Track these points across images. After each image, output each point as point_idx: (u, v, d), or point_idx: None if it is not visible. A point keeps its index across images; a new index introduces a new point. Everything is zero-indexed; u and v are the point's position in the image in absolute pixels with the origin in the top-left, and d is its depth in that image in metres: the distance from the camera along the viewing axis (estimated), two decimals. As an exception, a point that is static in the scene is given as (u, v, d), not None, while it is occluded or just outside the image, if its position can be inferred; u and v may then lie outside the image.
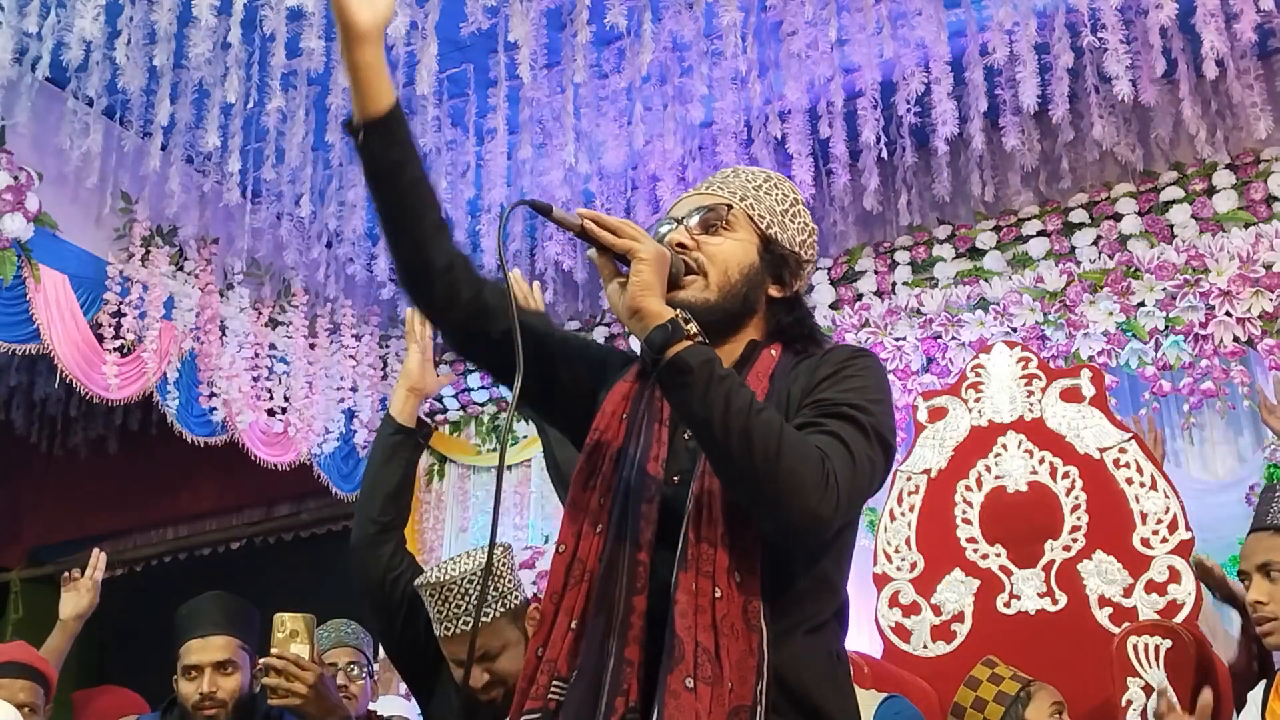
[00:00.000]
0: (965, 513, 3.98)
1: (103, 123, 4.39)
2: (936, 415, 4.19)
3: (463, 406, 6.11)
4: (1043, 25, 4.18)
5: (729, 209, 1.65)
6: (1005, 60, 4.18)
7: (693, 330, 1.41)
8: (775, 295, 1.67)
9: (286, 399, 5.40)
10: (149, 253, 4.85)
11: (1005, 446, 4.00)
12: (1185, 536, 3.66)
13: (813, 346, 1.66)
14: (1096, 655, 3.50)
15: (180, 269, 5.01)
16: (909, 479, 4.11)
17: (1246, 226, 4.43)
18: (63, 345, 4.53)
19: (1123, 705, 3.25)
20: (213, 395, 5.06)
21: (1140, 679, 3.25)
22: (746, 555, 1.43)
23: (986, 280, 4.83)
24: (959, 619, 3.87)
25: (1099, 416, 3.91)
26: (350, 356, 5.65)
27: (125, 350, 4.78)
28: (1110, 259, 4.61)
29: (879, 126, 4.34)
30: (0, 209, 4.23)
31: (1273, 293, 4.27)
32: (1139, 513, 3.73)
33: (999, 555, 3.89)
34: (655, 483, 1.51)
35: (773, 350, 1.63)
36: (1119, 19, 4.04)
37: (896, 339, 4.88)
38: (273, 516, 6.96)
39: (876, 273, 5.11)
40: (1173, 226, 4.58)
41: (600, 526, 1.53)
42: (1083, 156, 4.83)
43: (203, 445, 5.21)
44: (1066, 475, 3.87)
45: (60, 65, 3.94)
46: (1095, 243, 4.69)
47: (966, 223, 5.05)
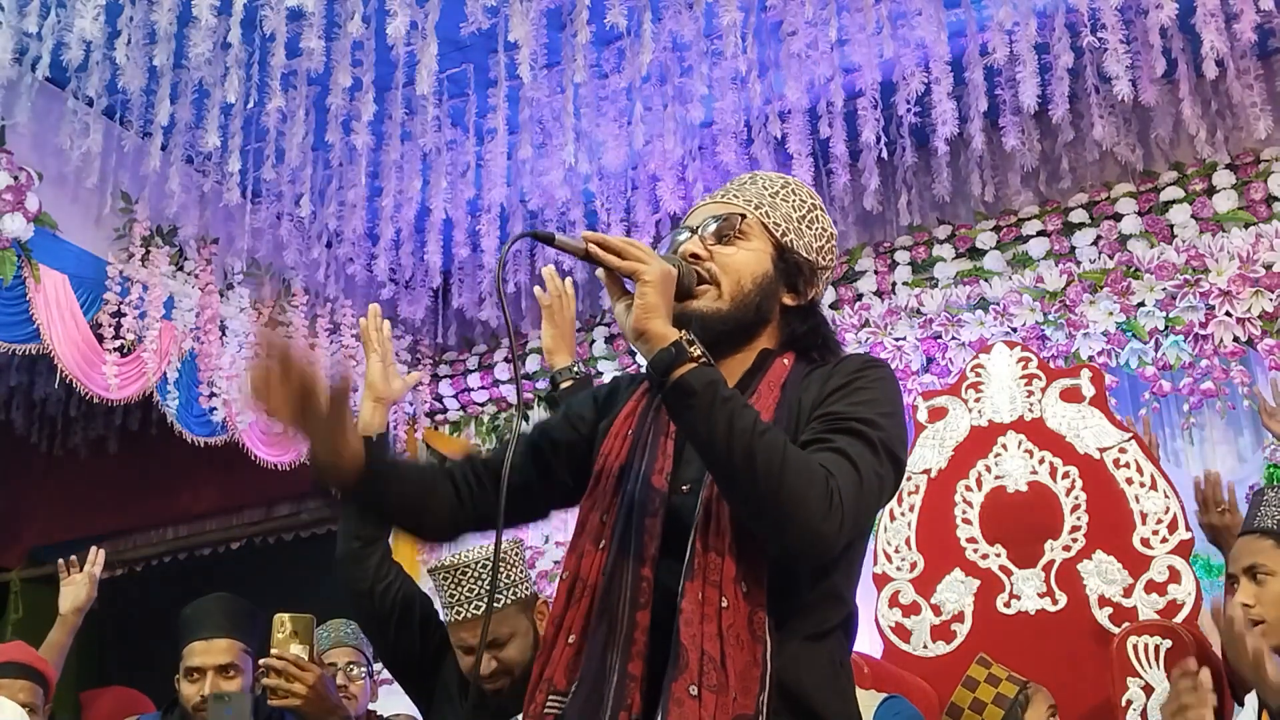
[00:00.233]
0: (965, 513, 3.98)
1: (103, 123, 4.38)
2: (936, 415, 4.19)
3: (463, 406, 6.11)
4: (1043, 25, 4.18)
5: (742, 218, 1.64)
6: (1005, 60, 4.18)
7: (696, 352, 1.41)
8: (790, 304, 1.65)
9: (286, 399, 5.39)
10: (149, 253, 4.85)
11: (1005, 446, 4.00)
12: (1185, 536, 3.66)
13: (827, 355, 1.65)
14: (1096, 655, 3.51)
15: (180, 269, 5.01)
16: (909, 479, 4.10)
17: (1246, 226, 4.43)
18: (63, 345, 4.53)
19: (1123, 705, 3.25)
20: (213, 395, 5.06)
21: (1140, 679, 3.25)
22: (753, 565, 1.42)
23: (986, 280, 4.83)
24: (959, 619, 3.87)
25: (1099, 416, 3.91)
26: (350, 356, 5.65)
27: (125, 350, 4.77)
28: (1110, 259, 4.61)
29: (879, 126, 4.34)
30: (0, 209, 4.23)
31: (1273, 293, 4.27)
32: (1139, 513, 3.73)
33: (999, 555, 3.89)
34: (660, 495, 1.51)
35: (785, 359, 1.62)
36: (1119, 19, 4.03)
37: (896, 339, 4.88)
38: (273, 516, 6.95)
39: (876, 273, 5.11)
40: (1173, 226, 4.58)
41: (603, 543, 1.54)
42: (1083, 156, 4.83)
43: (203, 445, 5.21)
44: (1066, 475, 3.87)
45: (60, 65, 3.93)
46: (1095, 243, 4.69)
47: (966, 223, 5.05)
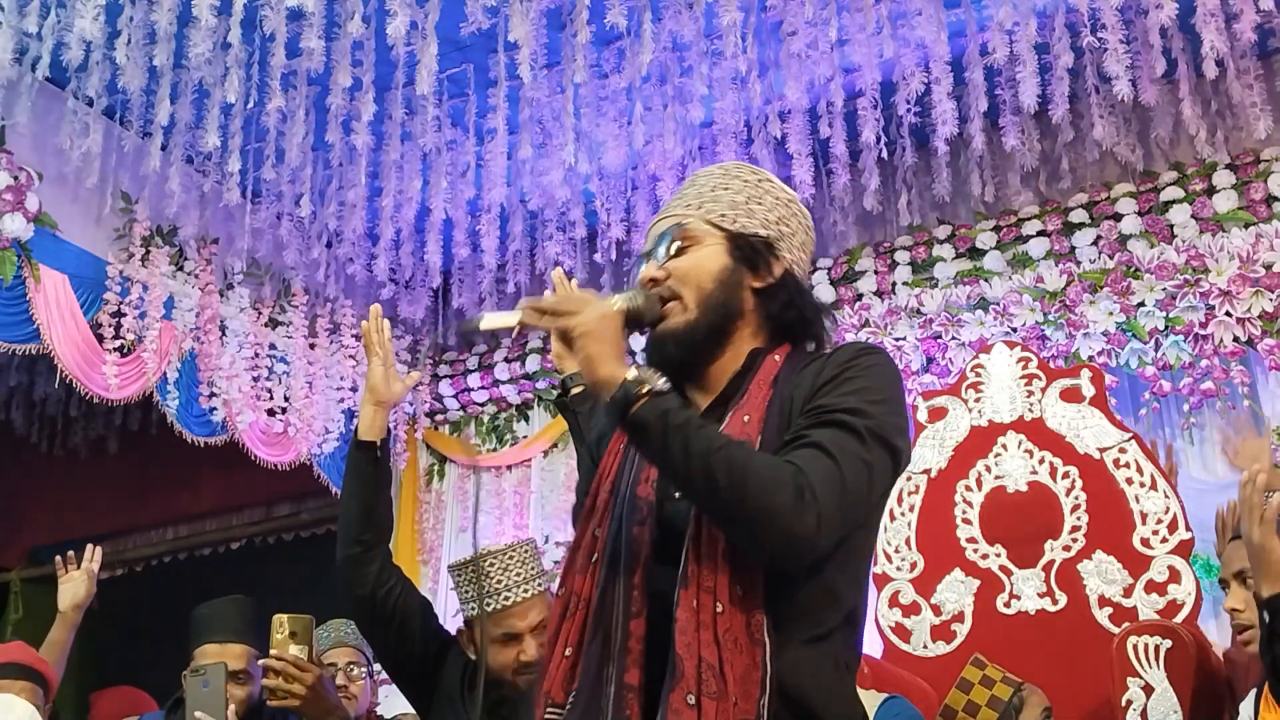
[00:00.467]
0: (965, 513, 3.98)
1: (103, 123, 4.38)
2: (936, 415, 4.19)
3: (463, 406, 6.11)
4: (1043, 25, 4.17)
5: (682, 226, 1.63)
6: (1005, 60, 4.18)
7: (644, 388, 1.41)
8: (759, 286, 1.62)
9: (286, 399, 5.40)
10: (149, 253, 4.85)
11: (1005, 446, 4.00)
12: (1185, 536, 3.66)
13: (821, 344, 1.64)
14: (1096, 655, 3.51)
15: (180, 269, 5.01)
16: (909, 479, 4.11)
17: (1246, 226, 4.43)
18: (63, 345, 4.53)
19: (1123, 705, 3.25)
20: (213, 395, 5.06)
21: (1140, 679, 3.25)
22: (748, 568, 1.41)
23: (986, 280, 4.83)
24: (959, 619, 3.87)
25: (1099, 416, 3.91)
26: (350, 356, 5.65)
27: (125, 350, 4.77)
28: (1110, 259, 4.61)
29: (879, 126, 4.34)
30: (0, 209, 4.23)
31: (1273, 293, 4.27)
32: (1139, 513, 3.73)
33: (999, 555, 3.89)
34: (648, 504, 1.51)
35: (777, 355, 1.60)
36: (1119, 19, 4.03)
37: (896, 339, 4.88)
38: (273, 516, 6.96)
39: (876, 273, 5.11)
40: (1173, 226, 4.57)
41: (595, 556, 1.54)
42: (1083, 156, 4.83)
43: (203, 445, 5.21)
44: (1066, 475, 3.87)
45: (60, 65, 3.93)
46: (1095, 243, 4.69)
47: (966, 223, 5.05)
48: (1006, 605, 3.82)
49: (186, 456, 5.67)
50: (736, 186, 1.67)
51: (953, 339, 4.80)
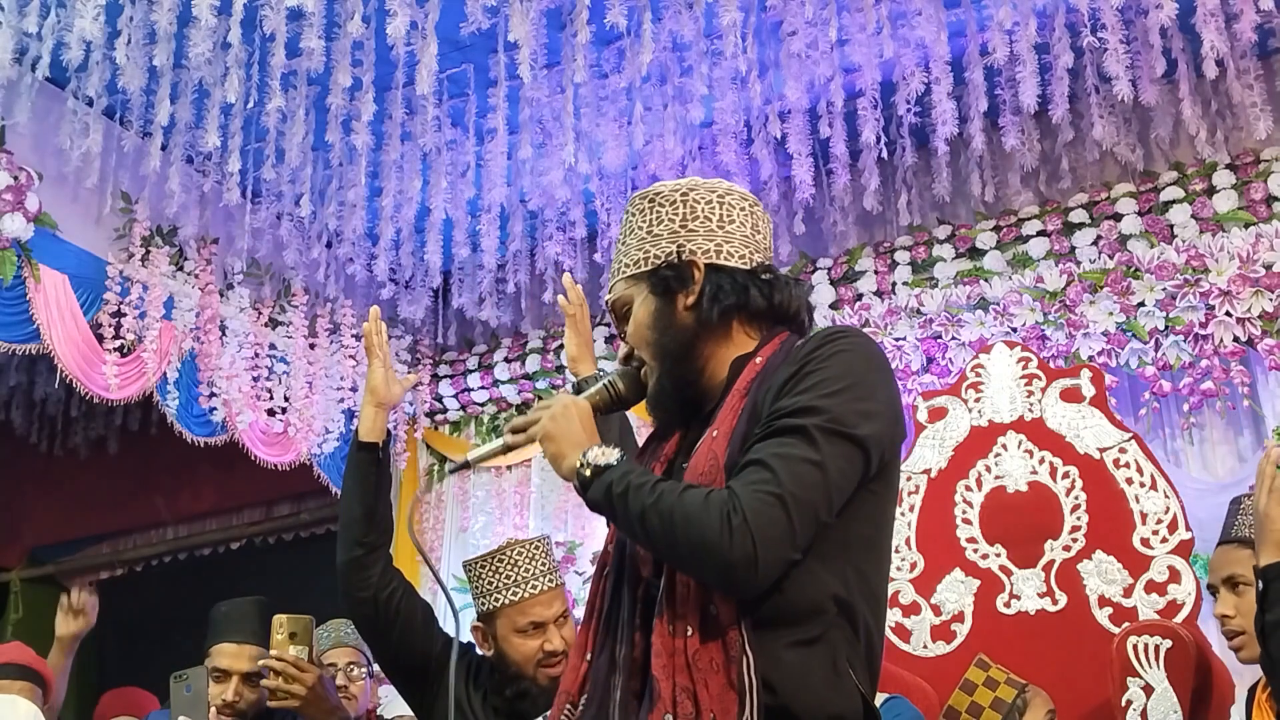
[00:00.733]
0: (965, 513, 3.98)
1: (103, 123, 4.38)
2: (936, 415, 4.19)
3: (463, 406, 6.11)
4: (1043, 25, 4.17)
5: (613, 301, 1.71)
6: (1005, 60, 4.18)
7: (588, 473, 1.51)
8: (690, 303, 1.64)
9: (286, 399, 5.40)
10: (149, 253, 4.85)
11: (1005, 446, 4.00)
12: (1185, 536, 3.66)
13: (793, 320, 1.66)
14: (1096, 655, 3.51)
15: (180, 269, 5.00)
16: (909, 479, 4.11)
17: (1246, 226, 4.43)
18: (63, 345, 4.52)
19: (1123, 705, 3.25)
20: (213, 395, 5.06)
21: (1140, 679, 3.25)
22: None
23: (986, 280, 4.83)
24: (959, 619, 3.87)
25: (1099, 416, 3.91)
26: (350, 356, 5.65)
27: (125, 350, 4.77)
28: (1110, 259, 4.61)
29: (879, 126, 4.34)
30: (0, 209, 4.23)
31: (1273, 293, 4.27)
32: (1139, 513, 3.73)
33: (999, 555, 3.89)
34: None
35: (759, 358, 1.60)
36: (1119, 19, 4.03)
37: (896, 339, 4.88)
38: (273, 516, 6.96)
39: (876, 273, 5.10)
40: (1173, 226, 4.57)
41: (607, 569, 1.62)
42: (1083, 156, 4.83)
43: (203, 445, 5.20)
44: (1066, 475, 3.87)
45: (60, 65, 3.93)
46: (1095, 243, 4.69)
47: (966, 223, 5.05)
48: (1006, 605, 3.82)
49: (186, 456, 5.67)
50: (637, 223, 1.70)
51: (953, 339, 4.80)
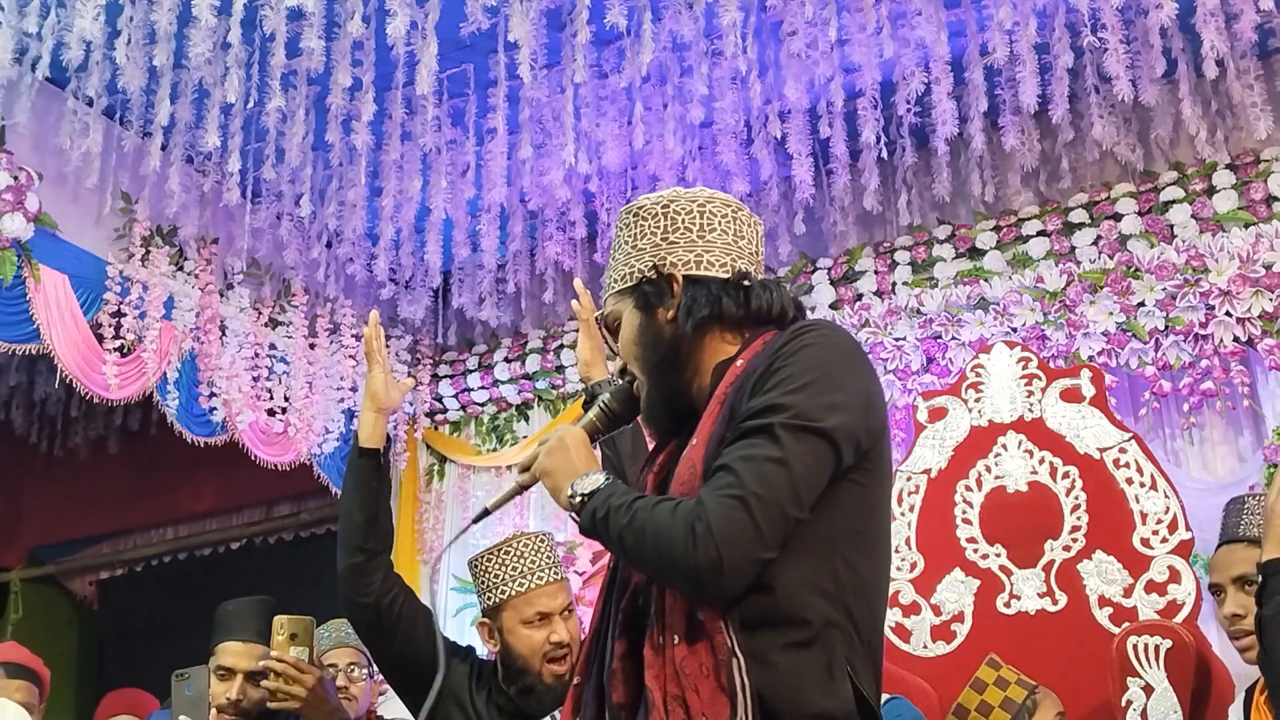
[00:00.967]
0: (965, 513, 3.98)
1: (103, 123, 4.38)
2: (936, 415, 4.19)
3: (463, 406, 6.11)
4: (1043, 25, 4.17)
5: (602, 318, 1.74)
6: (1005, 60, 4.18)
7: (577, 500, 1.55)
8: (671, 316, 1.65)
9: (286, 399, 5.39)
10: (149, 253, 4.85)
11: (1005, 446, 4.00)
12: (1185, 536, 3.66)
13: (773, 318, 1.65)
14: (1096, 655, 3.51)
15: (180, 269, 5.00)
16: (909, 479, 4.11)
17: (1246, 226, 4.43)
18: (63, 345, 4.52)
19: (1123, 705, 3.26)
20: (213, 395, 5.06)
21: (1140, 679, 3.25)
22: None
23: (986, 280, 4.83)
24: (959, 619, 3.87)
25: (1099, 416, 3.92)
26: (350, 356, 5.65)
27: (125, 350, 4.77)
28: (1110, 259, 4.61)
29: (879, 126, 4.34)
30: (0, 209, 4.23)
31: (1273, 293, 4.27)
32: (1139, 513, 3.73)
33: (999, 555, 3.89)
34: None
35: (740, 360, 1.60)
36: (1119, 19, 4.03)
37: (896, 339, 4.88)
38: (273, 516, 6.96)
39: (876, 273, 5.10)
40: (1173, 226, 4.57)
41: (601, 586, 1.65)
42: (1083, 156, 4.82)
43: (203, 445, 5.20)
44: (1066, 475, 3.87)
45: (60, 65, 3.93)
46: (1095, 243, 4.69)
47: (966, 223, 5.05)
48: (1006, 605, 3.82)
49: (186, 456, 5.67)
50: (623, 237, 1.72)
51: (953, 339, 4.80)
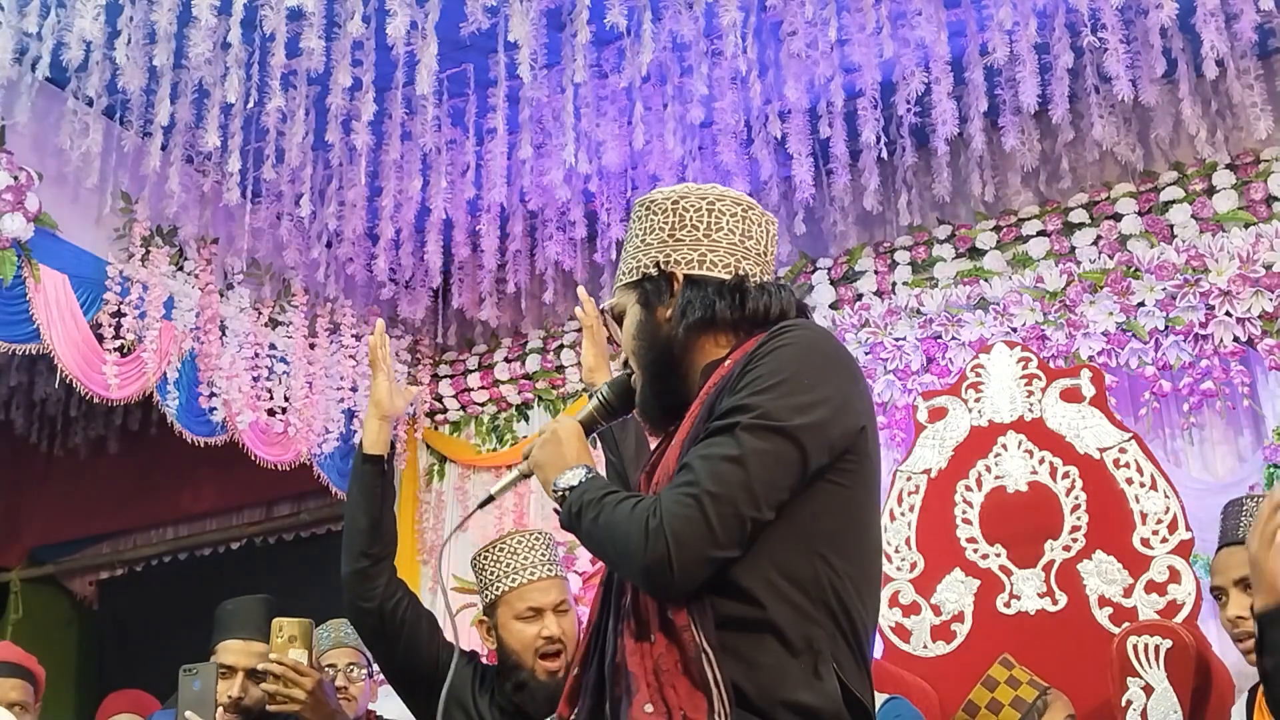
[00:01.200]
0: (965, 513, 3.98)
1: (103, 123, 4.38)
2: (936, 415, 4.19)
3: (463, 406, 6.11)
4: (1043, 25, 4.17)
5: (608, 309, 1.77)
6: (1005, 60, 4.18)
7: (558, 495, 1.60)
8: (669, 315, 1.66)
9: (286, 399, 5.39)
10: (149, 253, 4.84)
11: (1005, 446, 4.00)
12: (1185, 536, 3.66)
13: (769, 320, 1.65)
14: (1096, 655, 3.51)
15: (180, 269, 5.00)
16: (909, 479, 4.11)
17: (1246, 226, 4.43)
18: (63, 345, 4.52)
19: (1123, 705, 3.26)
20: (213, 395, 5.06)
21: (1140, 679, 3.25)
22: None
23: (986, 280, 4.83)
24: (959, 619, 3.87)
25: (1099, 416, 3.91)
26: (350, 356, 5.65)
27: (125, 350, 4.77)
28: (1110, 259, 4.61)
29: (879, 126, 4.34)
30: (0, 209, 4.23)
31: (1273, 293, 4.27)
32: (1139, 513, 3.73)
33: (999, 555, 3.89)
34: None
35: (728, 361, 1.60)
36: (1119, 19, 4.03)
37: (896, 339, 4.88)
38: (273, 516, 6.95)
39: (876, 273, 5.11)
40: (1173, 226, 4.57)
41: (599, 581, 1.67)
42: (1083, 156, 4.82)
43: (203, 445, 5.20)
44: (1066, 475, 3.87)
45: (60, 65, 3.93)
46: (1095, 243, 4.69)
47: (966, 223, 5.05)
48: (1006, 605, 3.82)
49: (186, 456, 5.66)
50: (635, 230, 1.73)
51: (953, 339, 4.80)
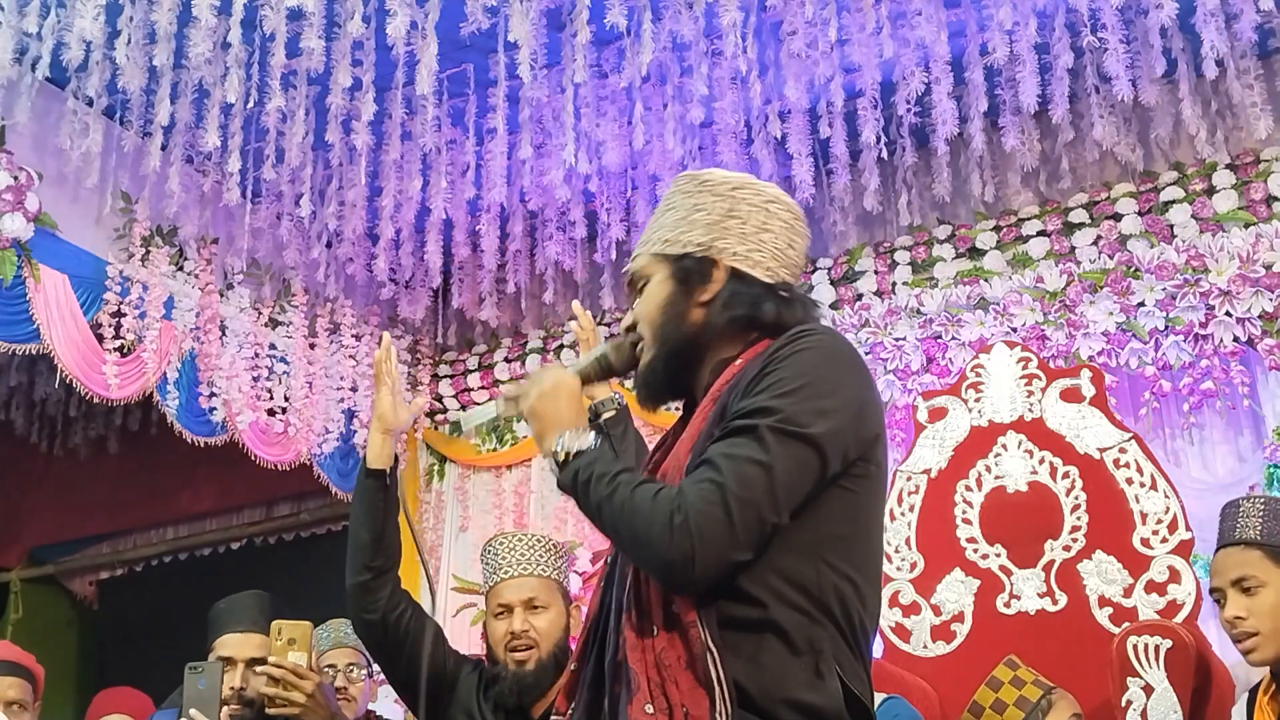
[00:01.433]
0: (965, 513, 3.98)
1: (103, 123, 4.38)
2: (936, 415, 4.19)
3: (463, 406, 6.11)
4: (1043, 25, 4.17)
5: (633, 269, 1.72)
6: (1005, 60, 4.18)
7: (561, 457, 1.56)
8: (705, 299, 1.64)
9: (286, 399, 5.39)
10: (149, 253, 4.84)
11: (1005, 446, 4.00)
12: (1185, 536, 3.66)
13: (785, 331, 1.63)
14: (1096, 655, 3.51)
15: (180, 269, 5.00)
16: (909, 479, 4.11)
17: (1246, 226, 4.43)
18: (63, 345, 4.52)
19: (1123, 705, 3.25)
20: (213, 395, 5.05)
21: (1140, 679, 3.25)
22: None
23: (986, 280, 4.83)
24: (959, 619, 3.87)
25: (1099, 416, 3.91)
26: (350, 356, 5.65)
27: (125, 350, 4.77)
28: (1110, 259, 4.61)
29: (879, 126, 4.34)
30: (0, 209, 4.23)
31: (1273, 293, 4.27)
32: (1139, 513, 3.73)
33: (999, 555, 3.89)
34: None
35: (740, 360, 1.60)
36: (1119, 19, 4.03)
37: (896, 339, 4.88)
38: (273, 516, 6.95)
39: (876, 273, 5.11)
40: (1173, 226, 4.57)
41: (602, 578, 1.66)
42: (1083, 156, 4.82)
43: (203, 445, 5.20)
44: (1066, 475, 3.87)
45: (60, 65, 3.93)
46: (1095, 243, 4.69)
47: (966, 223, 5.05)
48: (1006, 605, 3.82)
49: (186, 456, 5.66)
50: (679, 202, 1.70)
51: (953, 339, 4.80)
